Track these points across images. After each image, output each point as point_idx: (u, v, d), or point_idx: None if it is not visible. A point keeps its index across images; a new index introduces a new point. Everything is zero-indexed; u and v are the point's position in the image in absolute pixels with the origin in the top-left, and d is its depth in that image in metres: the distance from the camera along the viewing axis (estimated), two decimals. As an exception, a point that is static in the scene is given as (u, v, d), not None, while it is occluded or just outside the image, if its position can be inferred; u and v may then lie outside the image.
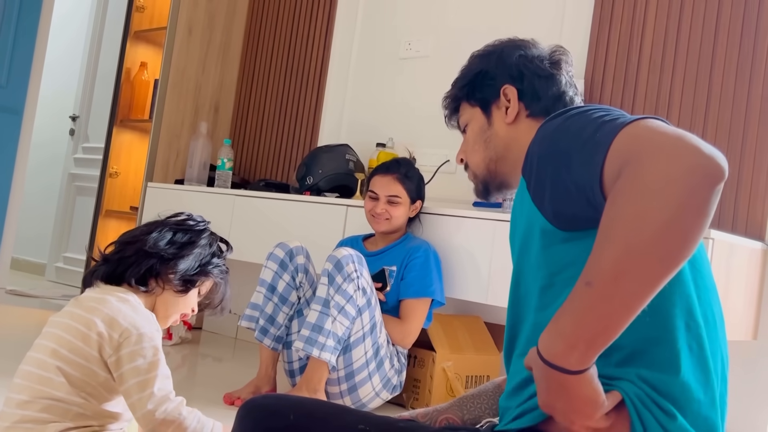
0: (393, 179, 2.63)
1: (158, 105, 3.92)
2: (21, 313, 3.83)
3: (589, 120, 0.94)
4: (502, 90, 1.23)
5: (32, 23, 4.53)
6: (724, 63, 2.61)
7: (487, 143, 1.24)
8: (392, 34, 3.59)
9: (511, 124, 1.22)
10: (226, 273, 1.61)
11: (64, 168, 5.53)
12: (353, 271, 2.36)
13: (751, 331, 2.42)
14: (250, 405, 1.02)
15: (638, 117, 0.90)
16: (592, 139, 0.89)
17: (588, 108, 0.99)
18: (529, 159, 1.02)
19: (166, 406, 1.32)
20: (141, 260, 1.46)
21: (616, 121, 0.90)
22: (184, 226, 1.54)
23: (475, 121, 1.27)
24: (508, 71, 1.24)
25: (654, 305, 0.85)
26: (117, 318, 1.35)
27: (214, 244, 1.58)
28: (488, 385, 1.28)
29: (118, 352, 1.33)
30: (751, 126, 2.53)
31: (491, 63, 1.26)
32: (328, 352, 2.31)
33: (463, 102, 1.29)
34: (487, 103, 1.25)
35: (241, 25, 4.26)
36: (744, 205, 2.52)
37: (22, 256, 5.75)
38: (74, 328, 1.35)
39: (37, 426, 1.31)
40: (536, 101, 1.21)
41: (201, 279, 1.53)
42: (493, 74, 1.24)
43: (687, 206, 0.77)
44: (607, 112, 0.96)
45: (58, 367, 1.33)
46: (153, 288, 1.47)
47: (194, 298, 1.55)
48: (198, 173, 3.81)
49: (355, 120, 3.69)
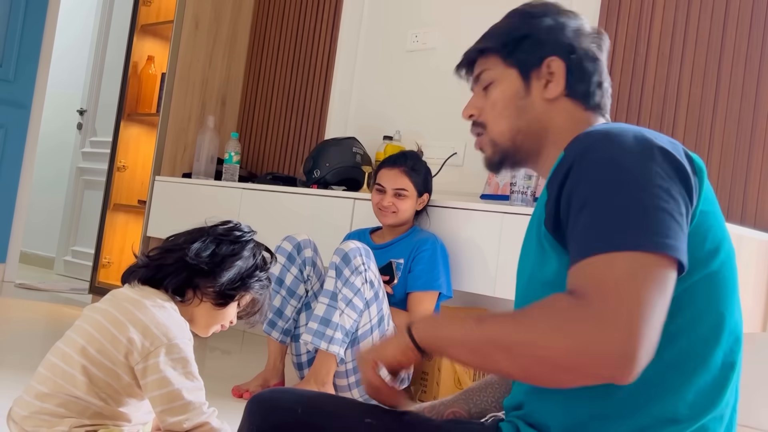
0: (400, 172, 2.62)
1: (165, 99, 3.92)
2: (30, 307, 3.85)
3: (635, 197, 0.87)
4: (547, 61, 1.12)
5: (39, 18, 4.54)
6: (732, 53, 2.59)
7: (520, 112, 1.12)
8: (399, 27, 3.58)
9: (549, 100, 1.12)
10: (267, 287, 1.56)
11: (72, 162, 5.55)
12: (361, 264, 2.36)
13: (761, 323, 2.41)
14: (257, 400, 1.02)
15: (655, 245, 0.84)
16: (609, 222, 0.87)
17: (648, 167, 0.89)
18: (576, 175, 0.93)
19: (194, 418, 1.31)
20: (181, 270, 1.43)
21: (646, 228, 0.85)
22: (229, 236, 1.49)
23: (509, 83, 1.14)
24: (560, 43, 1.12)
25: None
26: (150, 326, 1.33)
27: (258, 255, 1.53)
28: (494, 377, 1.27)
29: (146, 360, 1.31)
30: (760, 117, 2.52)
31: (542, 28, 1.13)
32: (336, 344, 2.31)
33: (494, 56, 1.15)
34: (528, 68, 1.13)
35: (247, 19, 4.25)
36: (753, 197, 2.51)
37: (30, 250, 5.78)
38: (106, 329, 1.34)
39: (53, 419, 1.31)
40: (580, 83, 1.12)
41: (240, 293, 1.49)
42: (543, 41, 1.12)
43: (569, 372, 0.83)
44: (662, 186, 0.88)
45: (83, 366, 1.32)
46: (190, 299, 1.45)
47: (233, 310, 1.52)
48: (205, 167, 3.81)
49: (362, 113, 3.68)
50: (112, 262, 4.12)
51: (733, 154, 2.56)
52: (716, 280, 0.95)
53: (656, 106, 2.73)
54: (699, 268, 0.93)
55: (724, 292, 0.96)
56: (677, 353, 0.93)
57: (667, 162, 0.91)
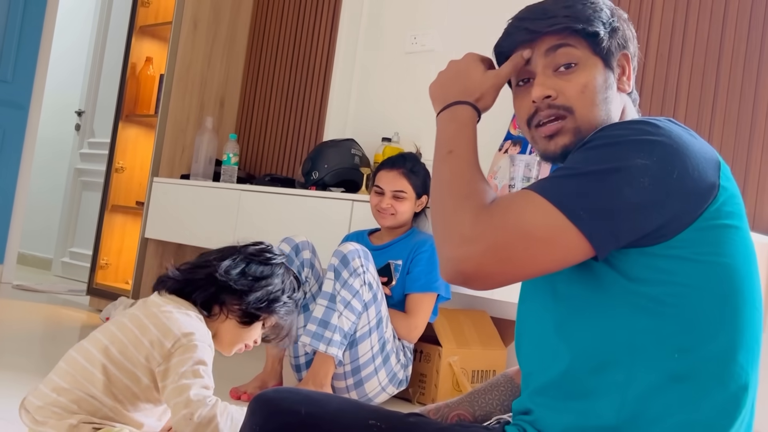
0: (399, 174, 2.62)
1: (164, 100, 3.92)
2: (28, 308, 3.84)
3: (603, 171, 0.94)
4: (622, 54, 1.12)
5: (38, 18, 4.53)
6: (731, 55, 2.59)
7: (606, 103, 1.08)
8: (398, 29, 3.58)
9: (621, 92, 1.13)
10: (293, 312, 1.58)
11: (70, 163, 5.55)
12: (359, 266, 2.36)
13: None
14: (261, 399, 1.02)
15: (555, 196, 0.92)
16: (563, 178, 0.95)
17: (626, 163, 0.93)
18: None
19: (200, 411, 1.31)
20: (209, 286, 1.46)
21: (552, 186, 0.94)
22: (260, 257, 1.52)
23: (597, 71, 1.08)
24: (632, 43, 1.15)
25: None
26: (173, 329, 1.35)
27: (287, 281, 1.55)
28: (499, 378, 1.27)
29: (168, 361, 1.33)
30: (759, 118, 2.52)
31: (623, 22, 1.14)
32: (334, 346, 2.31)
33: (578, 38, 1.07)
34: (610, 60, 1.10)
35: (246, 20, 4.25)
36: (752, 199, 2.51)
37: (28, 251, 5.77)
38: (130, 331, 1.36)
39: (63, 413, 1.32)
40: (630, 80, 1.15)
41: (265, 314, 1.51)
42: (626, 38, 1.13)
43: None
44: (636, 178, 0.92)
45: (103, 365, 1.34)
46: (216, 314, 1.47)
47: (257, 331, 1.53)
48: (204, 168, 3.81)
49: (361, 115, 3.68)
50: (110, 263, 4.11)
51: (732, 155, 2.56)
52: (731, 291, 0.95)
53: (655, 107, 2.73)
54: (711, 277, 0.94)
55: (741, 303, 0.96)
56: (689, 368, 0.92)
57: (662, 162, 0.92)
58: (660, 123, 0.97)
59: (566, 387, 0.96)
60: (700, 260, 0.93)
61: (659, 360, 0.92)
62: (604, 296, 0.95)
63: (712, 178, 0.94)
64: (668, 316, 0.92)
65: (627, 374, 0.92)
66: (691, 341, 0.92)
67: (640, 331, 0.93)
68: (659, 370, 0.92)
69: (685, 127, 1.01)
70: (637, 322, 0.93)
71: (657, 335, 0.92)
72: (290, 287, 1.56)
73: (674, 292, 0.92)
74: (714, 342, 0.93)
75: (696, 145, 0.97)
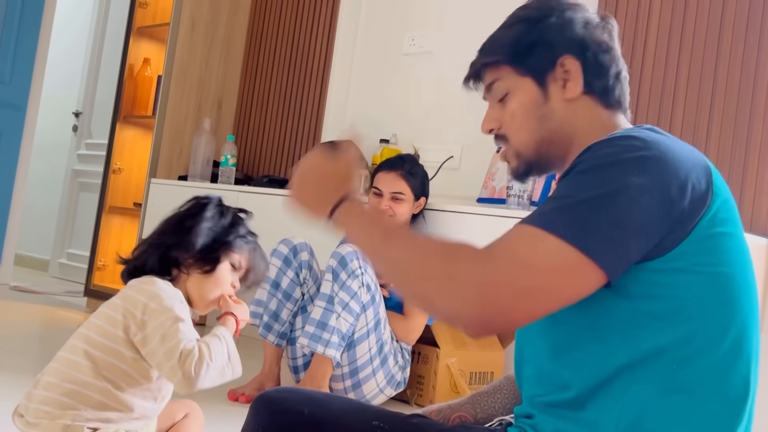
0: (397, 176, 2.62)
1: (161, 101, 3.92)
2: (25, 309, 3.83)
3: (598, 198, 0.91)
4: (561, 60, 1.07)
5: (35, 19, 4.53)
6: (729, 57, 2.60)
7: (542, 121, 1.08)
8: (395, 30, 3.58)
9: (570, 100, 1.08)
10: (251, 240, 1.54)
11: (68, 164, 5.54)
12: (357, 268, 2.36)
13: (756, 327, 2.41)
14: (264, 399, 1.01)
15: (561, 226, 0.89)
16: (560, 208, 0.93)
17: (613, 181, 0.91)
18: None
19: (191, 364, 1.31)
20: (155, 252, 1.45)
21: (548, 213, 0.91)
22: (190, 209, 1.50)
23: (525, 93, 1.09)
24: (571, 40, 1.08)
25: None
26: (139, 297, 1.36)
27: (227, 214, 1.52)
28: (502, 380, 1.26)
29: (143, 330, 1.33)
30: (757, 120, 2.52)
31: (550, 30, 1.09)
32: (332, 348, 2.31)
33: (505, 66, 1.11)
34: (543, 74, 1.08)
35: (244, 21, 4.25)
36: (749, 201, 2.51)
37: (25, 252, 5.76)
38: (103, 313, 1.38)
39: (55, 411, 1.32)
40: (598, 78, 1.08)
41: (224, 252, 1.48)
42: (554, 43, 1.08)
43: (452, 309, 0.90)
44: (633, 197, 0.90)
45: (85, 351, 1.34)
46: (177, 275, 1.46)
47: (226, 273, 1.49)
48: (201, 169, 3.81)
49: (359, 116, 3.68)
50: (107, 264, 4.10)
51: (730, 157, 2.56)
52: (730, 300, 0.95)
53: (652, 111, 2.73)
54: (707, 284, 0.93)
55: (739, 312, 0.95)
56: (689, 380, 0.92)
57: (658, 177, 0.90)
58: (644, 135, 0.96)
59: (567, 404, 0.96)
60: (698, 271, 0.92)
61: (658, 373, 0.91)
62: (602, 318, 0.94)
63: (705, 186, 0.94)
64: (668, 330, 0.91)
65: (625, 388, 0.92)
66: (691, 353, 0.91)
67: (639, 347, 0.92)
68: (658, 383, 0.91)
69: (667, 135, 1.00)
70: (636, 340, 0.92)
71: (656, 349, 0.91)
72: (233, 219, 1.52)
73: (674, 305, 0.92)
74: (713, 352, 0.92)
75: (685, 153, 0.95)
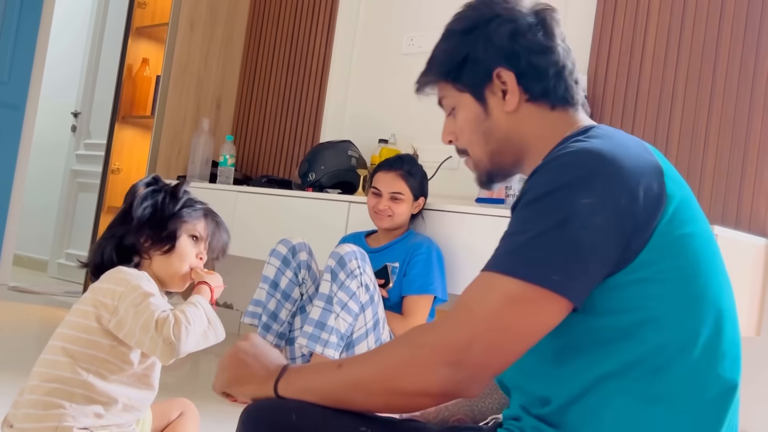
0: (396, 176, 2.62)
1: (160, 101, 3.92)
2: (23, 310, 3.83)
3: (551, 231, 0.89)
4: (496, 73, 1.06)
5: (34, 19, 4.53)
6: (727, 58, 2.60)
7: (487, 136, 1.08)
8: (394, 30, 3.58)
9: (511, 112, 1.06)
10: (199, 207, 1.53)
11: (66, 164, 5.53)
12: (356, 268, 2.36)
13: (755, 327, 2.42)
14: (251, 408, 1.00)
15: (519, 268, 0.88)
16: (512, 247, 0.91)
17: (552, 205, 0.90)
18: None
19: (168, 329, 1.32)
20: (106, 244, 1.47)
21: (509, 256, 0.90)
22: (126, 197, 1.52)
23: (467, 109, 1.09)
24: (500, 52, 1.05)
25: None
26: (106, 286, 1.38)
27: (161, 189, 1.51)
28: None
29: (116, 315, 1.35)
30: (755, 121, 2.52)
31: (478, 45, 1.06)
32: (331, 348, 2.31)
33: (443, 83, 1.11)
34: (479, 89, 1.07)
35: (242, 21, 4.25)
36: (747, 201, 2.51)
37: (24, 253, 5.75)
38: (76, 309, 1.39)
39: (39, 412, 1.32)
40: (535, 82, 1.05)
41: (176, 226, 1.47)
42: (482, 58, 1.06)
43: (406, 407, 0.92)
44: (587, 224, 0.88)
45: (62, 348, 1.35)
46: (138, 261, 1.47)
47: (188, 247, 1.49)
48: (200, 169, 3.81)
49: (358, 116, 3.68)
50: (106, 264, 4.10)
51: (728, 158, 2.56)
52: (699, 301, 0.92)
53: (651, 110, 2.73)
54: (676, 288, 0.91)
55: (710, 310, 0.93)
56: (666, 388, 0.90)
57: (606, 193, 0.89)
58: (590, 146, 0.93)
59: (547, 417, 0.95)
60: (663, 278, 0.90)
61: (634, 383, 0.90)
62: (572, 339, 0.93)
63: (658, 189, 0.91)
64: (638, 341, 0.90)
65: (602, 400, 0.90)
66: (665, 360, 0.90)
67: (612, 360, 0.90)
68: (635, 393, 0.90)
69: (614, 135, 0.97)
70: (608, 354, 0.91)
71: (629, 361, 0.90)
72: (173, 191, 1.51)
73: (642, 317, 0.90)
74: (687, 357, 0.90)
75: (632, 156, 0.93)
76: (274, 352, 1.07)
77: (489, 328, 0.87)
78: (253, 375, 1.01)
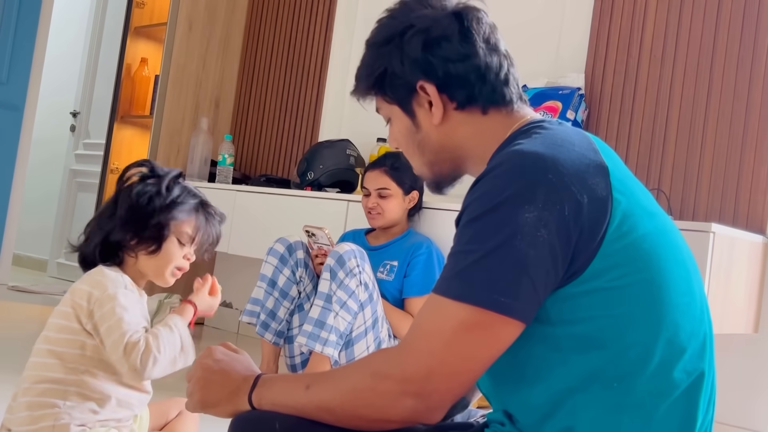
0: (380, 173, 2.64)
1: (159, 101, 3.92)
2: (23, 309, 3.83)
3: (493, 250, 0.87)
4: (419, 85, 1.03)
5: (33, 20, 4.53)
6: (725, 55, 2.60)
7: (422, 147, 1.07)
8: (392, 29, 3.58)
9: (440, 123, 1.04)
10: (190, 203, 1.48)
11: (65, 164, 5.53)
12: (355, 266, 2.36)
13: (752, 324, 2.42)
14: (236, 421, 0.98)
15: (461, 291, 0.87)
16: (456, 268, 0.91)
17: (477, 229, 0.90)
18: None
19: (136, 356, 1.31)
20: (93, 238, 1.44)
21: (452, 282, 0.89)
22: (116, 193, 1.47)
23: (400, 122, 1.08)
24: (416, 65, 1.02)
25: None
26: (83, 288, 1.37)
27: (147, 187, 1.45)
28: None
29: (92, 318, 1.35)
30: (752, 119, 2.53)
31: (393, 59, 1.03)
32: (330, 347, 2.31)
33: (375, 95, 1.10)
34: (406, 101, 1.06)
35: (241, 20, 4.25)
36: (745, 199, 2.52)
37: (23, 253, 5.76)
38: (57, 311, 1.40)
39: (34, 412, 1.32)
40: (459, 90, 1.02)
41: (163, 227, 1.42)
42: (400, 72, 1.03)
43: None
44: (527, 238, 0.86)
45: (48, 350, 1.36)
46: (124, 259, 1.44)
47: (174, 249, 1.44)
48: (199, 169, 3.81)
49: (356, 115, 3.69)
50: (105, 264, 4.11)
51: (725, 155, 2.57)
52: (659, 303, 0.90)
53: (648, 108, 2.74)
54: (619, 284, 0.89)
55: (672, 310, 0.91)
56: (632, 394, 0.88)
57: (549, 204, 0.86)
58: (530, 148, 0.91)
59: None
60: (617, 286, 0.88)
61: (600, 393, 0.88)
62: (529, 353, 0.91)
63: (603, 192, 0.89)
64: (598, 349, 0.88)
65: (571, 415, 0.89)
66: (629, 367, 0.88)
67: (573, 372, 0.89)
68: (603, 404, 0.88)
69: (555, 132, 0.95)
70: (568, 366, 0.89)
71: (592, 371, 0.88)
72: (157, 188, 1.45)
73: (598, 326, 0.88)
74: (651, 360, 0.88)
75: (574, 158, 0.90)
76: (243, 359, 1.05)
77: (446, 358, 0.87)
78: (222, 393, 1.00)
